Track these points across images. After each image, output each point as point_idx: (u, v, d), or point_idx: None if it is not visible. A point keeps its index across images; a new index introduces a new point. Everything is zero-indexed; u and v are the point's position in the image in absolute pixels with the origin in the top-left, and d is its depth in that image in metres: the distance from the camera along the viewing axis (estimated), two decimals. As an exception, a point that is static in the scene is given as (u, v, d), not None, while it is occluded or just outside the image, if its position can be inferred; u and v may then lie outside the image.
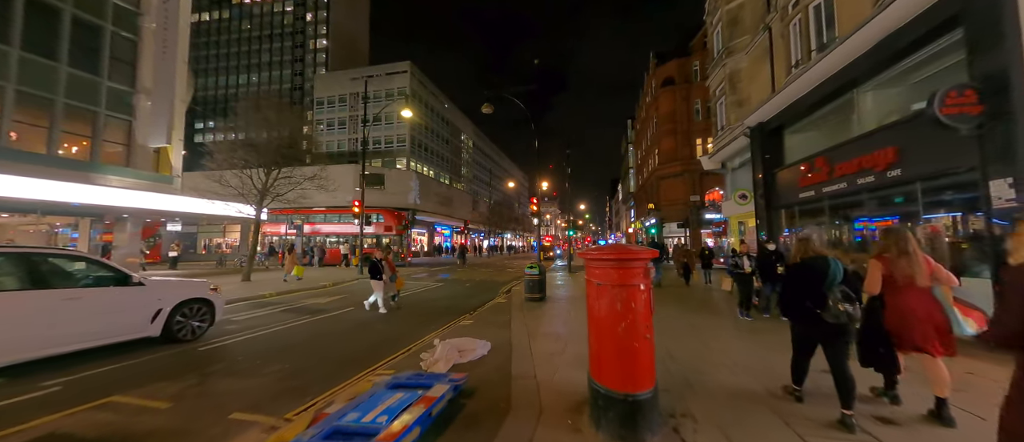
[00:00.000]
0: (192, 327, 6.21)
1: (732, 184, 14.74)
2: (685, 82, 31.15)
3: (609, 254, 2.82)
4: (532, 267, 9.97)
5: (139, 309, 5.60)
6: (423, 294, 11.95)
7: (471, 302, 10.45)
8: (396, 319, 8.08)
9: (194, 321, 6.25)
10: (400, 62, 47.87)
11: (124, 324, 5.44)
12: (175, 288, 6.16)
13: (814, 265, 3.07)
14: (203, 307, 6.41)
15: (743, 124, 12.17)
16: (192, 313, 6.24)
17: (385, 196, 39.27)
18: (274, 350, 5.79)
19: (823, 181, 8.56)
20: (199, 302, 6.36)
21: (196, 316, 6.29)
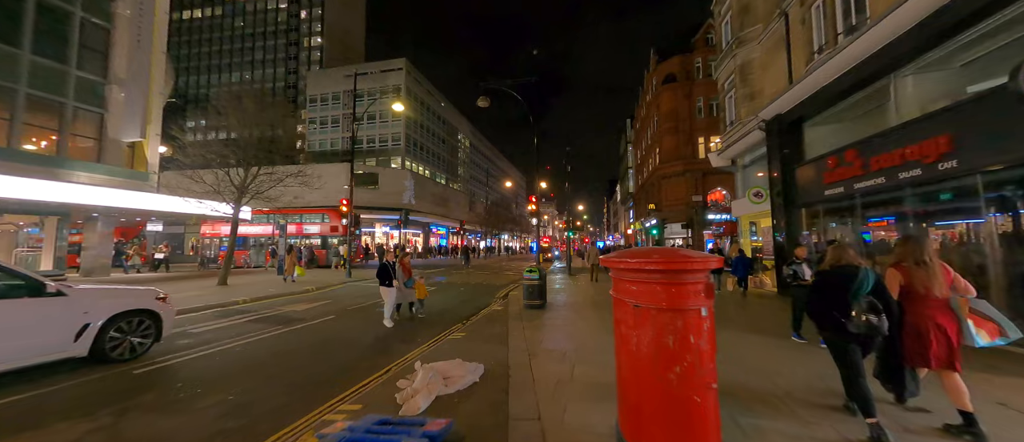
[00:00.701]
0: (131, 344, 5.22)
1: (743, 182, 13.91)
2: (687, 79, 30.40)
3: (655, 262, 1.91)
4: (531, 271, 9.06)
5: (58, 325, 4.60)
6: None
7: (464, 310, 9.52)
8: (377, 332, 7.14)
9: (134, 337, 5.26)
10: (395, 59, 46.86)
11: (36, 344, 4.45)
12: (108, 298, 5.20)
13: (842, 273, 2.97)
14: (146, 320, 5.41)
15: (757, 117, 11.33)
16: (131, 327, 5.25)
17: (379, 196, 38.32)
18: (224, 373, 4.85)
19: (855, 176, 7.71)
20: (141, 314, 5.35)
21: (137, 331, 5.30)
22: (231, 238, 13.28)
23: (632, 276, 1.98)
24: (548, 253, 27.82)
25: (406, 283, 7.92)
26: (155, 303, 5.54)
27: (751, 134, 12.43)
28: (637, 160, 45.87)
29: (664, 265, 1.86)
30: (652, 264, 1.89)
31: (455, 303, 10.58)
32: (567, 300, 10.22)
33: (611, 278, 2.32)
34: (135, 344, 5.27)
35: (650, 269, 1.89)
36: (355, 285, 14.37)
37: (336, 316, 8.51)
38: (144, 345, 5.37)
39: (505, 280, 16.56)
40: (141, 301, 5.41)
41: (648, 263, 1.91)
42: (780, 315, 7.39)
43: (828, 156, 8.62)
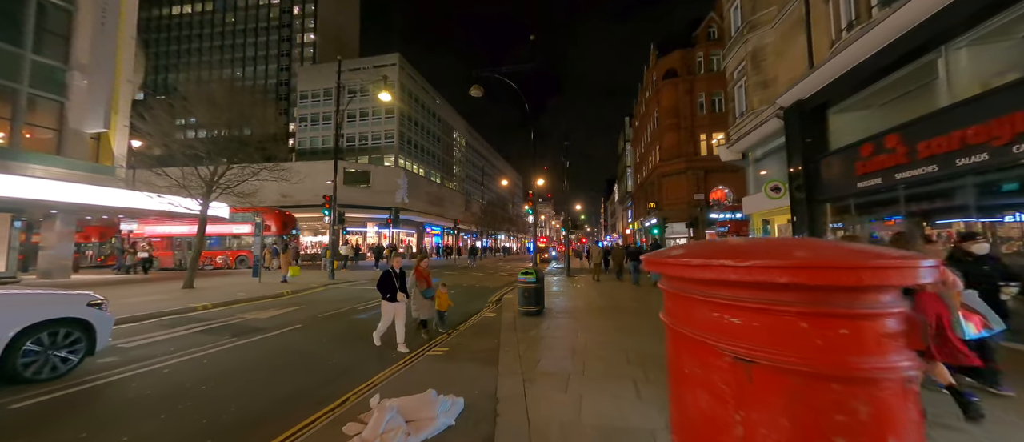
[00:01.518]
0: (53, 361, 4.37)
1: (755, 176, 12.96)
2: (689, 74, 29.49)
3: (799, 265, 0.84)
4: (527, 272, 8.02)
5: None
6: (396, 305, 9.89)
7: (452, 317, 8.43)
8: (344, 347, 6.07)
9: (57, 352, 4.41)
10: (388, 54, 45.68)
11: None
12: (23, 305, 4.35)
13: None
14: (74, 331, 4.55)
15: (775, 104, 10.36)
16: (54, 341, 4.40)
17: (371, 194, 37.17)
18: (144, 402, 3.79)
19: (899, 165, 6.74)
20: (67, 324, 4.49)
21: (62, 345, 4.45)
22: (198, 236, 12.11)
23: (734, 295, 0.93)
24: (545, 253, 26.73)
25: (425, 293, 6.36)
26: (86, 311, 4.67)
27: (765, 124, 11.47)
28: (636, 158, 44.99)
29: (824, 275, 0.81)
30: (793, 271, 0.83)
31: (443, 309, 9.50)
32: (567, 305, 9.19)
33: (664, 293, 1.28)
34: (58, 361, 4.41)
35: (787, 283, 0.84)
36: (337, 289, 13.27)
37: (303, 325, 7.42)
38: (70, 362, 4.51)
39: (500, 282, 15.52)
40: (67, 308, 4.55)
41: (779, 267, 0.85)
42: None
43: (862, 144, 7.65)
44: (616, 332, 6.34)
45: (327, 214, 14.88)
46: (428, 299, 6.44)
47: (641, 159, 41.09)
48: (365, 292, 12.27)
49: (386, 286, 5.69)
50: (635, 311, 8.40)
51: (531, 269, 8.11)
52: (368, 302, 10.23)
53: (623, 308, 8.78)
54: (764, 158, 12.59)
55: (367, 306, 9.71)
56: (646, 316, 7.79)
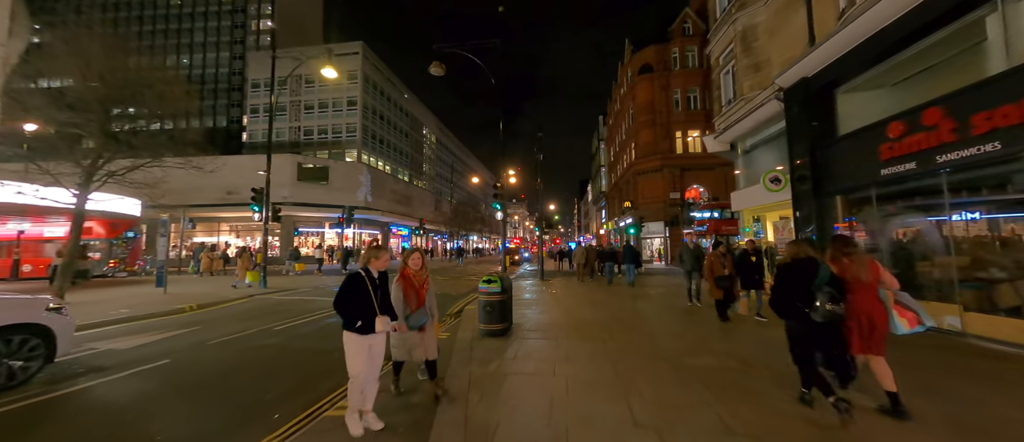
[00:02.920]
0: (7, 368, 4.14)
1: (747, 168, 11.84)
2: (664, 70, 28.78)
3: None
4: (490, 280, 6.26)
5: None
6: (320, 323, 7.86)
7: (393, 338, 6.53)
8: (211, 398, 4.08)
9: (12, 360, 4.20)
10: (351, 42, 42.58)
11: None
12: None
13: (803, 266, 3.19)
14: (30, 339, 4.36)
15: (774, 84, 9.15)
16: (9, 348, 4.18)
17: (330, 192, 34.18)
18: None
19: (944, 144, 5.50)
20: (24, 330, 4.32)
21: (17, 352, 4.24)
22: (74, 234, 9.45)
23: None
24: (516, 255, 25.08)
25: (409, 320, 3.63)
26: (44, 316, 4.53)
27: (760, 110, 10.29)
28: (610, 157, 44.31)
29: None
30: None
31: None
32: (542, 319, 7.50)
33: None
34: (15, 369, 4.21)
35: None
36: (263, 300, 10.97)
37: (173, 361, 5.29)
38: (28, 369, 4.33)
39: (465, 288, 13.68)
40: (23, 313, 4.40)
41: None
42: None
43: (889, 122, 6.41)
44: (607, 363, 4.69)
45: (255, 209, 12.49)
46: (416, 329, 3.71)
47: (616, 158, 40.35)
48: (296, 304, 10.09)
49: (356, 303, 3.07)
50: (628, 325, 6.81)
51: (495, 276, 6.35)
52: (289, 316, 8.13)
53: (612, 322, 7.18)
54: (756, 148, 11.46)
55: (286, 322, 7.62)
56: (641, 333, 6.21)
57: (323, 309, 9.16)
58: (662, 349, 5.19)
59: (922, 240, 6.67)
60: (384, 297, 3.26)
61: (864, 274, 3.21)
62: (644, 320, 7.30)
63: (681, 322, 7.18)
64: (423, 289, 3.77)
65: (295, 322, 7.80)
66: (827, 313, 2.96)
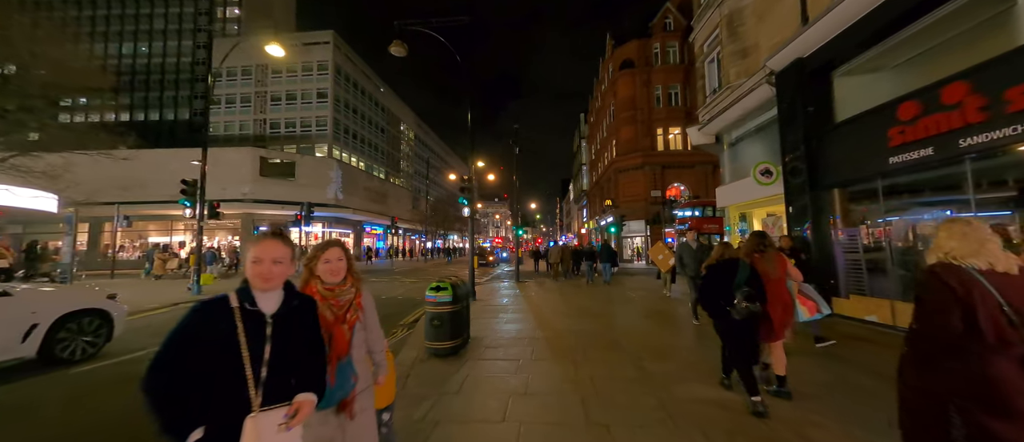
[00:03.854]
0: (82, 345, 5.01)
1: (732, 162, 11.08)
2: (646, 65, 28.21)
3: None
4: (438, 287, 5.14)
5: (3, 325, 4.37)
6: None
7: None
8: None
9: (84, 337, 5.05)
10: (320, 31, 40.37)
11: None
12: (57, 298, 5.11)
13: (727, 267, 3.34)
14: (97, 320, 5.20)
15: (765, 67, 8.35)
16: (82, 328, 5.04)
17: (296, 189, 32.18)
18: None
19: (969, 125, 4.70)
20: (91, 314, 5.17)
21: (88, 331, 5.10)
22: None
23: None
24: (490, 255, 24.00)
25: (340, 379, 1.77)
26: (106, 302, 5.40)
27: (747, 98, 9.51)
28: (591, 155, 43.74)
29: None
30: None
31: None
32: (507, 330, 6.40)
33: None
34: (85, 345, 5.04)
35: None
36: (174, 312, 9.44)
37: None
38: (95, 345, 5.16)
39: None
40: (91, 300, 5.29)
41: None
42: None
43: (899, 103, 5.62)
44: (577, 399, 3.63)
45: (186, 204, 10.89)
46: (329, 411, 1.78)
47: (597, 155, 39.76)
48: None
49: (192, 379, 1.30)
50: (607, 339, 5.78)
51: (445, 282, 5.20)
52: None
53: (589, 334, 6.15)
54: (743, 140, 10.71)
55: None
56: (622, 351, 5.18)
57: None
58: (649, 377, 4.17)
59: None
60: (287, 353, 1.43)
61: (772, 270, 3.49)
62: (625, 333, 6.30)
63: (671, 335, 6.21)
64: (343, 326, 1.84)
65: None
66: (743, 311, 3.14)
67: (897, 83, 6.32)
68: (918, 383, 1.66)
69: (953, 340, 1.56)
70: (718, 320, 3.42)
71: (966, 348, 1.55)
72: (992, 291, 1.54)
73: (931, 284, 1.63)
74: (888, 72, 6.86)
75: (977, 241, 1.63)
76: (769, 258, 3.53)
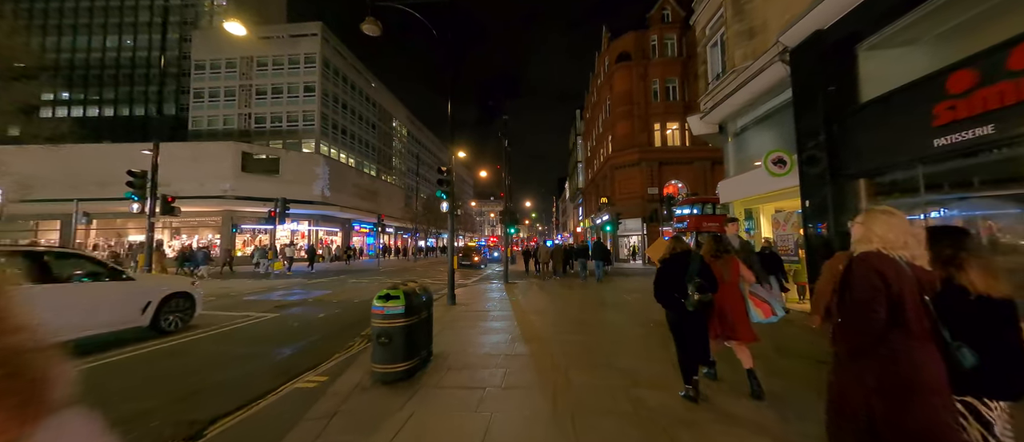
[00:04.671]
0: (177, 320, 6.50)
1: (737, 153, 10.16)
2: (643, 58, 27.29)
3: None
4: (388, 295, 4.16)
5: (131, 301, 5.91)
6: (142, 359, 5.54)
7: (207, 405, 4.29)
8: None
9: (178, 314, 6.54)
10: (308, 23, 39.08)
11: (118, 316, 5.73)
12: (163, 283, 6.69)
13: (679, 259, 3.46)
14: (186, 301, 6.69)
15: (778, 42, 7.41)
16: (177, 306, 6.52)
17: (281, 185, 30.98)
18: None
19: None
20: (182, 296, 6.62)
21: (180, 310, 6.58)
22: None
23: None
24: (476, 255, 22.05)
25: None
26: (190, 288, 6.86)
27: (755, 80, 8.57)
28: (587, 153, 42.83)
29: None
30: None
31: (233, 362, 5.27)
32: (480, 343, 5.41)
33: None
34: (178, 320, 6.53)
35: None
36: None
37: None
38: (185, 320, 6.66)
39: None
40: (182, 286, 6.78)
41: None
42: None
43: (949, 72, 4.68)
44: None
45: (133, 199, 9.76)
46: None
47: (593, 152, 38.84)
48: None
49: None
50: (596, 355, 4.81)
51: (396, 290, 4.21)
52: None
53: (574, 350, 5.18)
54: (749, 129, 9.78)
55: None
56: (614, 371, 4.21)
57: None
58: (648, 413, 3.21)
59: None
60: None
61: (727, 274, 3.60)
62: (618, 346, 5.33)
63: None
64: None
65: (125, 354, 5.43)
66: (696, 302, 3.23)
67: (937, 56, 5.38)
68: (845, 377, 1.67)
69: (880, 331, 1.58)
70: (671, 312, 3.52)
71: (891, 339, 1.57)
72: (914, 280, 1.58)
73: (863, 273, 1.63)
74: (926, 43, 5.92)
75: (904, 232, 1.65)
76: (724, 262, 3.66)
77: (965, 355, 1.54)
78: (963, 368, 1.53)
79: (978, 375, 1.54)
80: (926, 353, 1.55)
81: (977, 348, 1.53)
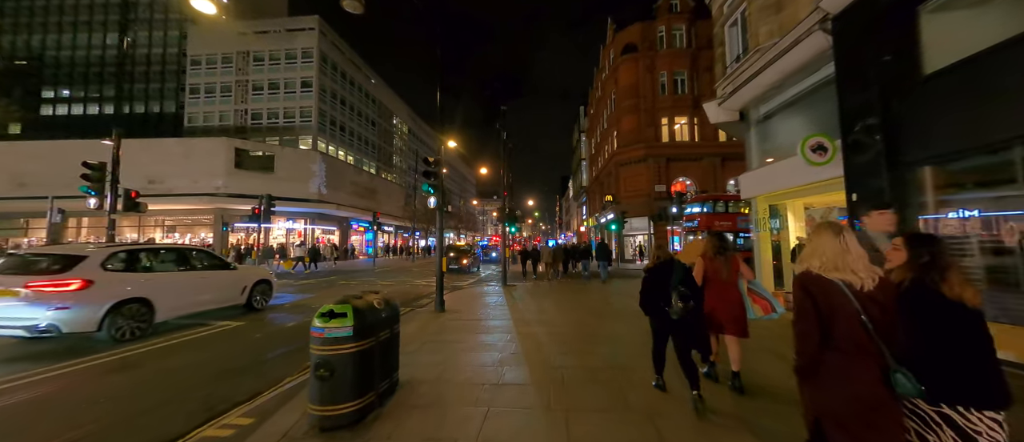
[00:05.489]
0: (262, 300, 8.46)
1: (761, 142, 9.05)
2: (649, 49, 26.14)
3: None
4: (333, 312, 3.15)
5: (236, 285, 7.83)
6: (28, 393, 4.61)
7: (134, 413, 3.32)
8: None
9: (262, 295, 8.47)
10: (305, 17, 38.16)
11: (228, 295, 7.62)
12: (253, 272, 8.60)
13: (663, 268, 3.52)
14: (267, 286, 8.66)
15: (819, 8, 6.30)
16: (262, 290, 8.44)
17: (276, 183, 30.08)
18: None
19: None
20: (265, 282, 8.57)
21: (264, 293, 8.53)
22: None
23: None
24: (464, 258, 19.44)
25: None
26: (270, 276, 8.83)
27: (784, 59, 7.47)
28: (591, 149, 41.70)
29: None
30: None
31: (160, 387, 4.28)
32: (466, 365, 4.40)
33: None
34: (261, 299, 8.43)
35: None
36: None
37: None
38: (265, 301, 8.60)
39: (399, 300, 10.49)
40: (264, 275, 8.73)
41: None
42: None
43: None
44: None
45: (89, 193, 8.78)
46: None
47: (597, 149, 37.70)
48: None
49: None
50: (615, 391, 3.77)
51: (343, 305, 3.21)
52: None
53: (578, 376, 4.14)
54: (775, 115, 8.67)
55: None
56: (635, 415, 3.17)
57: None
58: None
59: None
60: None
61: (725, 272, 3.70)
62: (633, 375, 4.29)
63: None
64: None
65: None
66: (679, 310, 3.24)
67: (1021, 19, 4.30)
68: (802, 399, 1.75)
69: (813, 351, 1.65)
70: (654, 319, 3.56)
71: (826, 359, 1.64)
72: (852, 301, 1.60)
73: (796, 295, 1.72)
74: (1005, 2, 4.83)
75: (843, 252, 1.68)
76: (725, 259, 3.71)
77: (898, 381, 1.56)
78: (901, 393, 1.56)
79: (952, 384, 1.55)
80: (863, 371, 1.59)
81: (952, 353, 1.57)
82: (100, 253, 5.89)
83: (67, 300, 5.24)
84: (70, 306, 5.23)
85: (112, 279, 5.76)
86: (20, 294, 5.06)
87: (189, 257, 7.23)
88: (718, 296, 3.67)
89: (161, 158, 27.44)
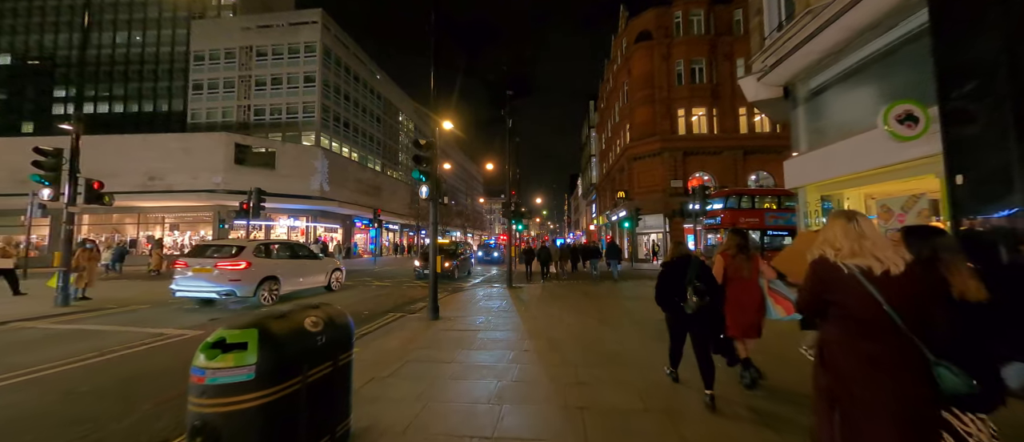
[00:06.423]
0: (334, 284, 10.80)
1: (811, 121, 7.70)
2: (665, 37, 24.69)
3: None
4: (225, 342, 1.94)
5: (322, 272, 10.39)
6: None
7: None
8: None
9: (336, 281, 10.88)
10: (308, 10, 37.38)
11: (319, 279, 10.26)
12: (331, 262, 11.16)
13: (679, 263, 3.47)
14: (340, 273, 11.11)
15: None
16: (336, 276, 10.84)
17: (277, 179, 29.32)
18: None
19: None
20: (338, 270, 11.06)
21: (337, 278, 10.92)
22: None
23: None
24: (458, 256, 17.28)
25: None
26: (340, 264, 11.46)
27: (850, 13, 6.11)
28: (602, 145, 40.26)
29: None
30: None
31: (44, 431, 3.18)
32: (454, 398, 3.20)
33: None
34: (334, 283, 10.75)
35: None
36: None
37: None
38: (338, 284, 10.95)
39: (391, 304, 9.39)
40: (337, 264, 11.24)
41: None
42: None
43: None
44: None
45: (43, 183, 7.83)
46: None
47: (608, 144, 36.27)
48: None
49: None
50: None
51: (243, 332, 2.01)
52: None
53: (620, 428, 2.94)
54: (831, 88, 7.31)
55: None
56: None
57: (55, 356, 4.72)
58: None
59: None
60: None
61: (746, 271, 3.61)
62: (679, 421, 3.06)
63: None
64: None
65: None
66: (694, 305, 3.22)
67: None
68: (814, 381, 1.70)
69: (821, 332, 1.67)
70: (670, 314, 3.59)
71: (827, 338, 1.63)
72: (871, 289, 1.52)
73: (805, 281, 1.72)
74: None
75: (859, 239, 1.61)
76: (745, 260, 3.64)
77: (942, 375, 1.41)
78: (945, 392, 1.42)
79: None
80: (870, 360, 1.50)
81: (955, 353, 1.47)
82: (252, 245, 8.40)
83: (239, 275, 7.80)
84: (240, 279, 7.78)
85: (261, 263, 8.33)
86: (213, 271, 7.69)
87: (296, 249, 9.91)
88: (740, 294, 3.60)
89: (161, 154, 26.85)
